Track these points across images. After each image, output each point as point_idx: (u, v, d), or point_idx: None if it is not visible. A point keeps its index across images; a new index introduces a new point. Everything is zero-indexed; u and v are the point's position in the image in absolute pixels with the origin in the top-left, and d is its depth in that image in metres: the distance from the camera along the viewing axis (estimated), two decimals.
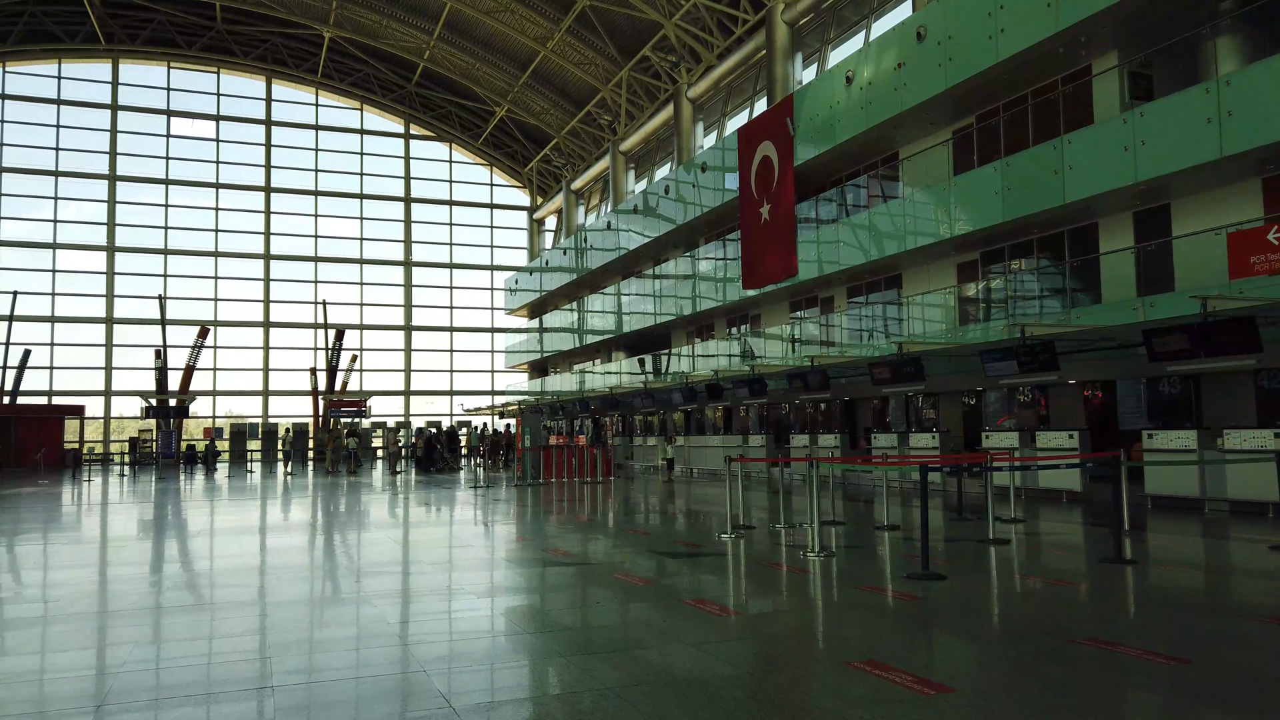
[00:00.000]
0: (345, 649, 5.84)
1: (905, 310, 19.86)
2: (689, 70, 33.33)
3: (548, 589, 8.08)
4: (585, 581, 8.32)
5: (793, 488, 19.34)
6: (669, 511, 15.09)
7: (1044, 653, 5.47)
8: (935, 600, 7.15)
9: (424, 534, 12.48)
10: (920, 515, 8.48)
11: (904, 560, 9.11)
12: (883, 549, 10.04)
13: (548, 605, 7.35)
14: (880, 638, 6.05)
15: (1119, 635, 5.90)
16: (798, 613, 6.93)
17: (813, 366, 19.31)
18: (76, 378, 42.46)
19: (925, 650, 5.83)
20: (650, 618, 6.67)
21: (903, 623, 6.51)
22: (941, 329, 18.57)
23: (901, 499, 16.06)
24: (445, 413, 48.22)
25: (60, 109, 42.52)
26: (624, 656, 5.51)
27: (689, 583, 8.12)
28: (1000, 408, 17.67)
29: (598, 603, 7.39)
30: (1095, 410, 16.24)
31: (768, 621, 6.59)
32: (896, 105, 19.34)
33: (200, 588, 8.38)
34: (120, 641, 6.18)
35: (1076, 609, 6.99)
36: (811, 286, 24.10)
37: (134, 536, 12.87)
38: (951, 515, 13.17)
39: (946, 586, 7.67)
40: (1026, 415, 17.14)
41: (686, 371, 29.15)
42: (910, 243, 19.19)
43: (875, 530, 11.63)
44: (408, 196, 49.03)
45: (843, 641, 6.10)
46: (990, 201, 16.90)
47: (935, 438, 16.89)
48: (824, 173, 23.48)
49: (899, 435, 18.37)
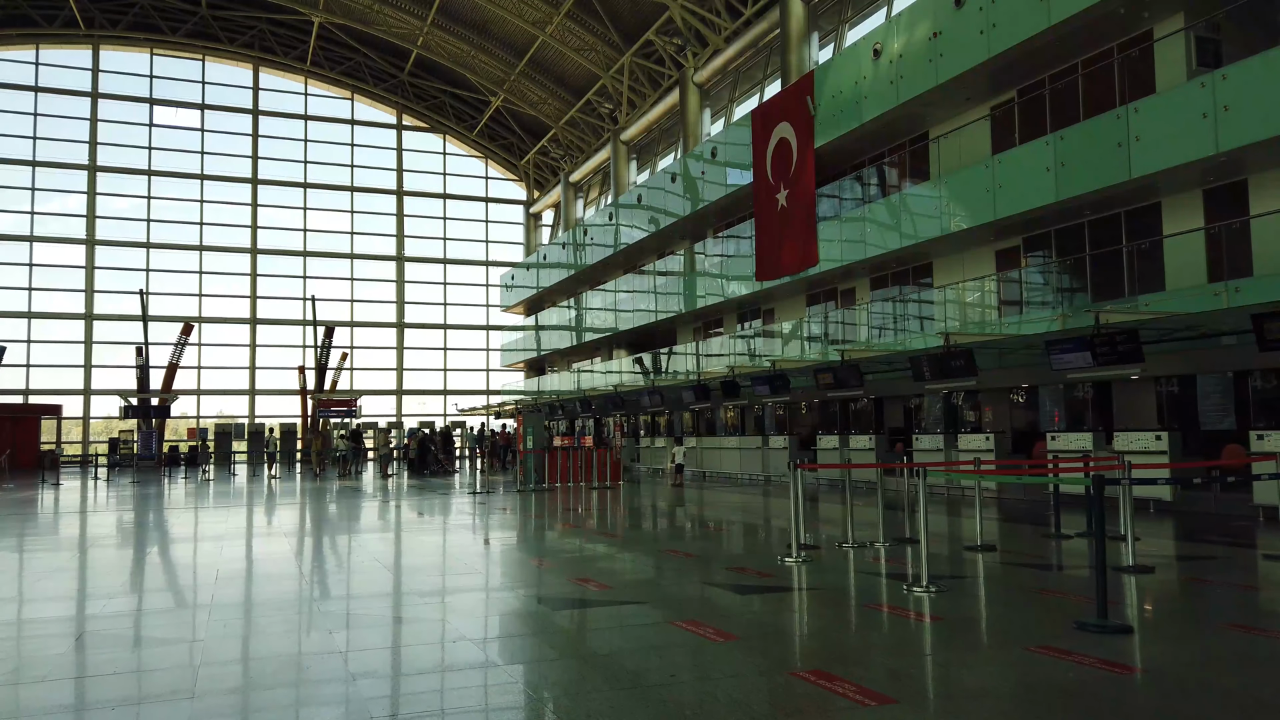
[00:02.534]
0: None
1: (943, 299, 18.28)
2: (695, 55, 31.83)
3: (597, 652, 5.74)
4: (645, 637, 6.03)
5: (819, 493, 17.84)
6: (704, 525, 13.27)
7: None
8: (1163, 671, 5.14)
9: (420, 558, 10.32)
10: (1095, 546, 6.09)
11: (1052, 602, 7.06)
12: (1006, 582, 8.07)
13: (604, 681, 5.01)
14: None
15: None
16: (979, 701, 4.62)
17: (843, 362, 17.79)
18: (54, 376, 40.73)
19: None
20: (766, 711, 4.46)
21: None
22: (981, 320, 17.08)
23: (947, 507, 14.58)
24: (439, 413, 46.59)
25: (38, 96, 40.77)
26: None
27: (787, 639, 6.04)
28: (1056, 406, 16.19)
29: (673, 678, 5.06)
30: (1172, 409, 14.53)
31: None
32: (931, 79, 17.86)
33: (107, 647, 6.01)
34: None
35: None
36: (831, 278, 22.61)
37: (48, 567, 11.24)
38: (1044, 532, 11.18)
39: (1157, 649, 5.73)
40: (1079, 413, 15.58)
41: (691, 369, 27.67)
42: (945, 228, 17.71)
43: (967, 551, 9.61)
44: (400, 190, 47.41)
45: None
46: (1040, 180, 15.42)
47: (990, 439, 15.38)
48: (845, 156, 22.00)
49: (943, 437, 16.80)
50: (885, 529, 8.08)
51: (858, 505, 15.55)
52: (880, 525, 7.92)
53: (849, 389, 17.76)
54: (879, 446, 18.08)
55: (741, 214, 27.13)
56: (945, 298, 18.16)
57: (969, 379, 14.66)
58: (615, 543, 11.23)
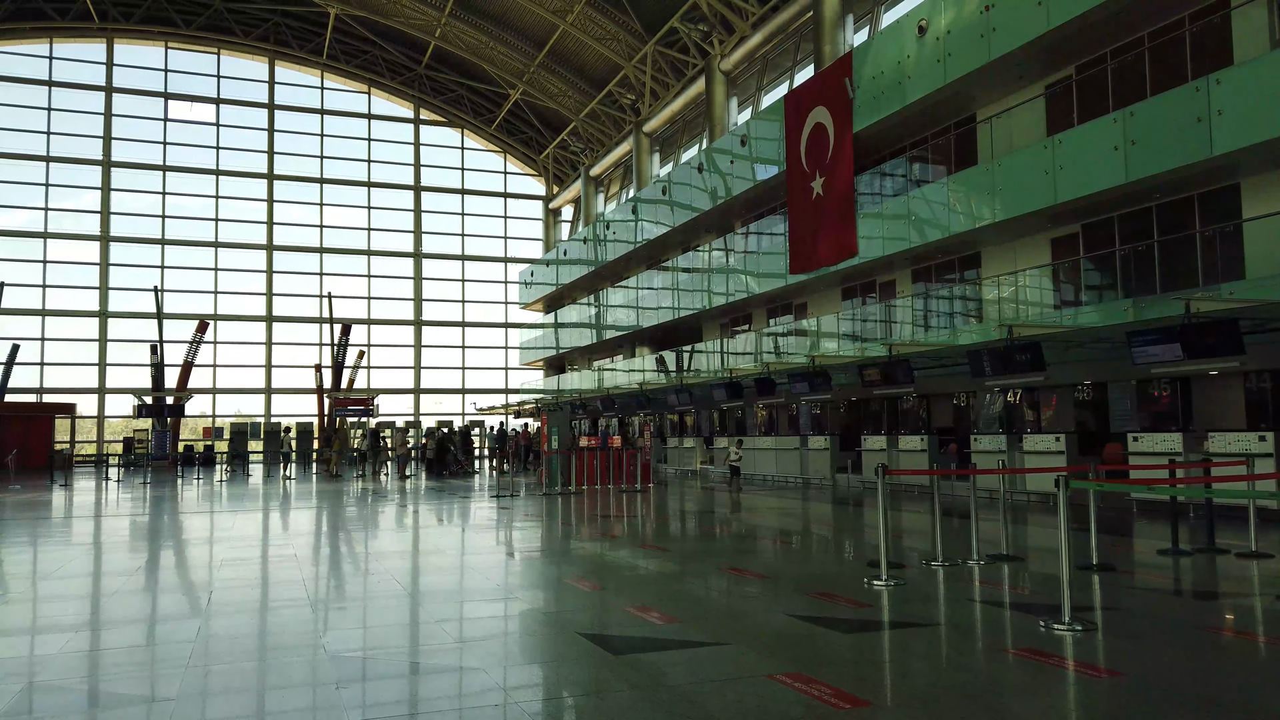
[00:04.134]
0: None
1: (1011, 284, 17.05)
2: (721, 42, 30.81)
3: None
4: (744, 701, 4.60)
5: (862, 498, 16.80)
6: (760, 536, 11.85)
7: None
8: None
9: (444, 577, 8.96)
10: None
11: (1248, 647, 5.78)
12: (1162, 615, 6.61)
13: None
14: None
15: None
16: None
17: (891, 357, 16.73)
18: (68, 374, 40.18)
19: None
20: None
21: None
22: (1040, 311, 15.96)
23: (1008, 515, 13.44)
24: (456, 411, 45.75)
25: (51, 91, 40.20)
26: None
27: (935, 706, 4.52)
28: (1127, 403, 15.03)
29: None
30: (1263, 406, 13.23)
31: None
32: (982, 56, 16.77)
33: (75, 689, 5.09)
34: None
35: None
36: (869, 270, 21.54)
37: (35, 574, 10.38)
38: (1157, 546, 9.92)
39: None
40: (1159, 412, 14.31)
41: (717, 367, 26.61)
42: (997, 215, 16.62)
43: (1081, 571, 8.16)
44: (417, 185, 46.62)
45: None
46: (1106, 161, 14.32)
47: (1060, 441, 14.26)
48: (885, 140, 20.93)
49: (1006, 437, 15.57)
50: (965, 542, 6.95)
51: (912, 513, 14.49)
52: (974, 539, 6.85)
53: (898, 385, 16.68)
54: (931, 447, 16.98)
55: (772, 205, 26.10)
56: (1016, 280, 16.90)
57: (1035, 374, 13.56)
58: (666, 558, 9.91)
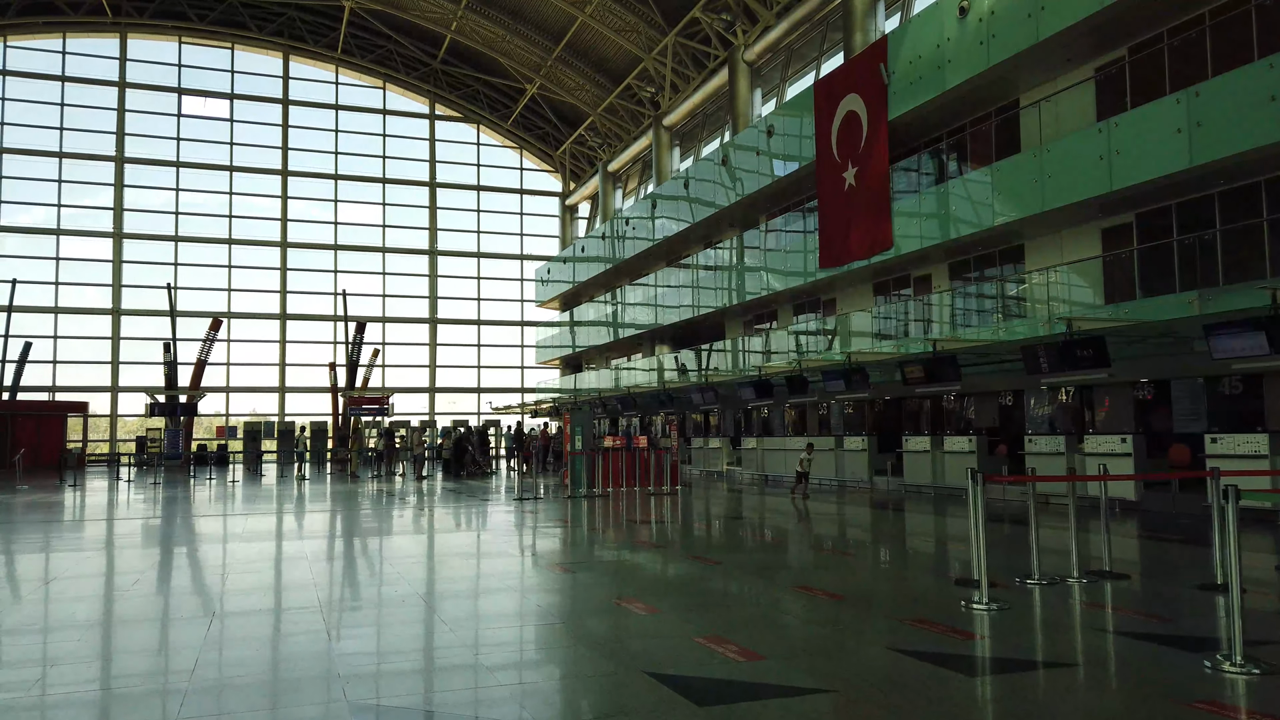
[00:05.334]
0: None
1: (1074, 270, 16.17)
2: (744, 31, 30.04)
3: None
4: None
5: (903, 502, 16.00)
6: (823, 547, 10.68)
7: None
8: None
9: (471, 597, 7.70)
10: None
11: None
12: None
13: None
14: None
15: None
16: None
17: (935, 353, 15.91)
18: (81, 372, 39.76)
19: None
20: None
21: None
22: (1090, 306, 15.12)
23: (1082, 523, 12.61)
24: (471, 411, 45.12)
25: (64, 86, 39.80)
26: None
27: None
28: (1193, 402, 14.15)
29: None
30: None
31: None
32: (1029, 36, 15.93)
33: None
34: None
35: None
36: (903, 264, 20.71)
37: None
38: (1273, 562, 8.89)
39: None
40: (1233, 411, 13.33)
41: (740, 366, 25.83)
42: (1046, 204, 15.78)
43: (1201, 591, 7.23)
44: (433, 181, 46.03)
45: None
46: (1168, 144, 13.47)
47: (1127, 442, 13.36)
48: (921, 129, 20.10)
49: (1064, 438, 14.67)
50: (1054, 555, 6.11)
51: (957, 518, 13.69)
52: (1074, 553, 6.03)
53: (943, 383, 15.86)
54: (980, 449, 16.09)
55: (799, 198, 25.30)
56: (1069, 272, 16.02)
57: (1099, 371, 12.72)
58: (721, 573, 8.78)
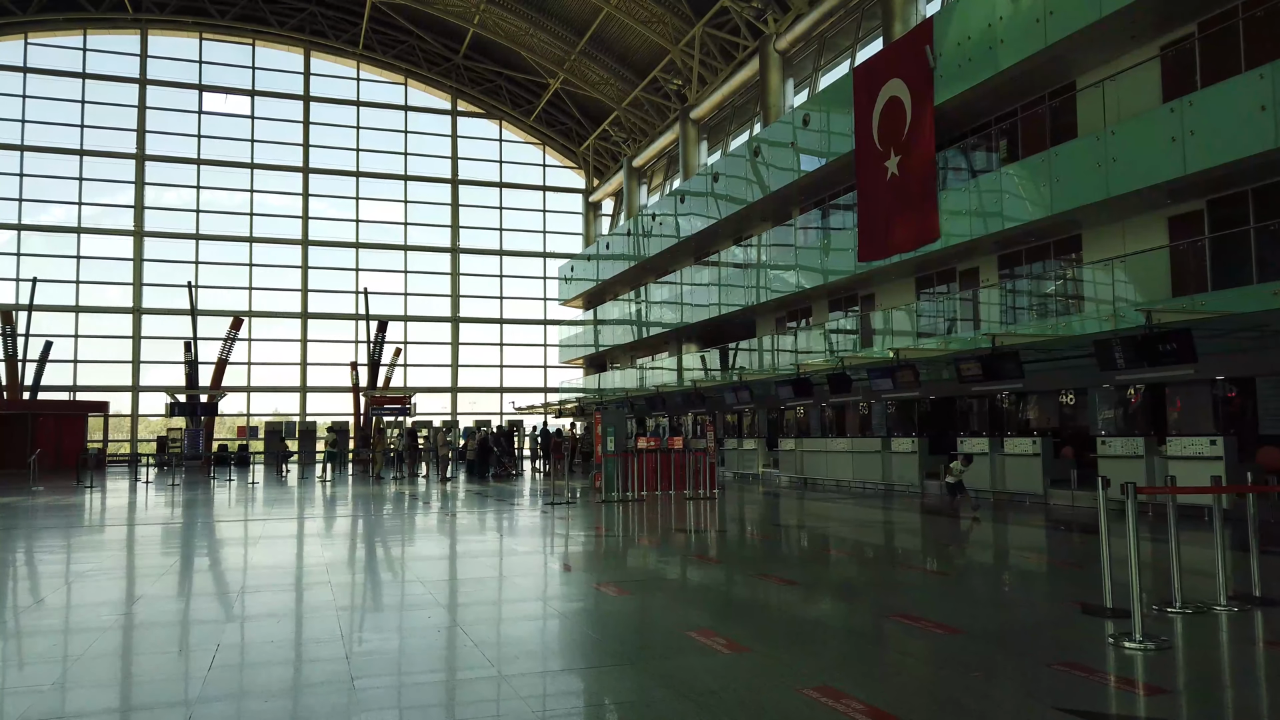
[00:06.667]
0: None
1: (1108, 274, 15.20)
2: (776, 20, 29.18)
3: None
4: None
5: (955, 508, 15.08)
6: (905, 563, 9.50)
7: None
8: None
9: (512, 623, 6.72)
10: None
11: None
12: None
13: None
14: None
15: None
16: None
17: (994, 349, 15.02)
18: (102, 372, 39.42)
19: None
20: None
21: None
22: (1161, 296, 14.19)
23: (1220, 536, 11.64)
24: (494, 411, 44.47)
25: (85, 83, 39.47)
26: None
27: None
28: (1278, 403, 13.20)
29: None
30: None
31: None
32: (1091, 12, 15.01)
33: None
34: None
35: None
36: (948, 257, 19.81)
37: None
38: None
39: None
40: None
41: (769, 364, 24.96)
42: (1110, 190, 14.84)
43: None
44: (455, 178, 45.42)
45: None
46: (1250, 123, 12.53)
47: (1217, 444, 12.16)
48: (969, 114, 19.19)
49: (1144, 440, 13.45)
50: (1192, 577, 5.16)
51: (1025, 525, 12.77)
52: (1220, 574, 5.09)
53: (1004, 380, 14.92)
54: (1046, 451, 15.05)
55: (834, 190, 24.43)
56: (1142, 261, 15.05)
57: (1183, 367, 11.80)
58: (802, 596, 7.62)
